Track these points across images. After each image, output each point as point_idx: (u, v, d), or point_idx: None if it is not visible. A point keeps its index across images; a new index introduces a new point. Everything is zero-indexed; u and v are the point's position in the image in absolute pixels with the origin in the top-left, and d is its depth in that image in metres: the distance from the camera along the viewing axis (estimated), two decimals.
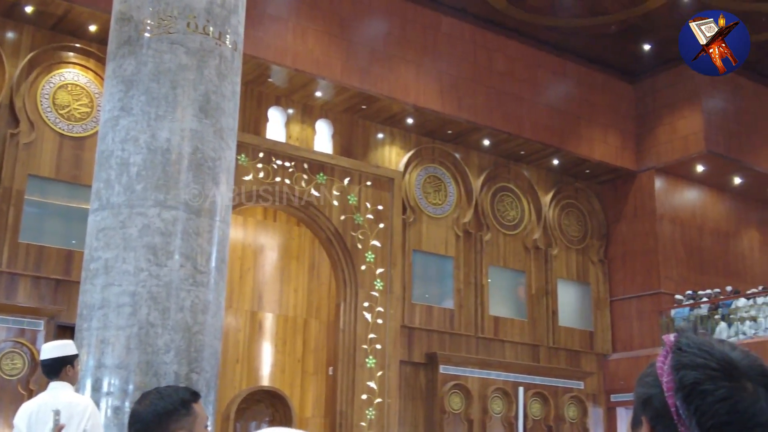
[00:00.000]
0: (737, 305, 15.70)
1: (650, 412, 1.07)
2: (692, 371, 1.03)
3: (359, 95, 14.19)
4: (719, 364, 1.03)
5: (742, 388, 1.02)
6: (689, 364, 1.04)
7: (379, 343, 13.81)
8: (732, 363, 1.04)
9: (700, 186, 17.88)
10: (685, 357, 1.05)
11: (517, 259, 16.34)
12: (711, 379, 1.02)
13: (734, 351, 1.07)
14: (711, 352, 1.05)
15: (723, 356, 1.04)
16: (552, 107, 16.32)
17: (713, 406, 1.01)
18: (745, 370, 1.04)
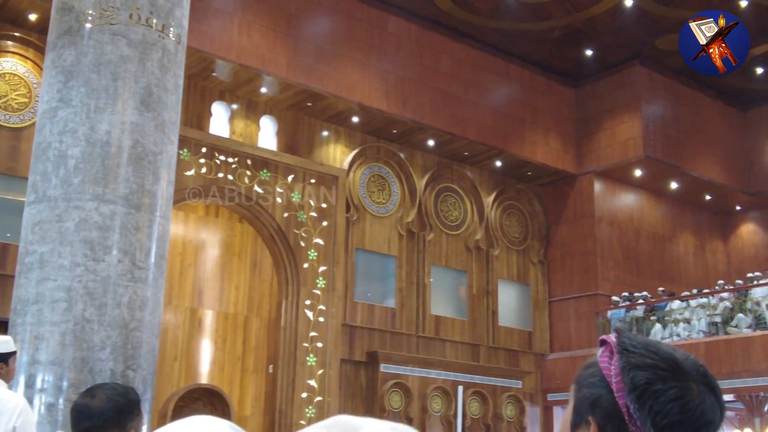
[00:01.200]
0: (672, 307, 16.07)
1: (599, 412, 1.07)
2: (643, 372, 1.04)
3: (305, 92, 14.14)
4: (667, 365, 1.05)
5: (689, 389, 1.04)
6: (639, 364, 1.05)
7: (320, 342, 13.78)
8: (678, 363, 1.06)
9: (638, 190, 18.26)
10: (634, 358, 1.06)
11: (459, 259, 16.47)
12: (661, 379, 1.04)
13: (676, 352, 1.09)
14: (658, 353, 1.07)
15: (670, 357, 1.06)
16: (496, 109, 16.49)
17: (666, 405, 1.02)
18: (688, 370, 1.06)
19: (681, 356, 1.08)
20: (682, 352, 1.11)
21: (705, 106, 18.37)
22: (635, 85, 17.15)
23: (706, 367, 1.08)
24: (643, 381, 1.04)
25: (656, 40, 16.43)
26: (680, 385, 1.04)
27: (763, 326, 14.29)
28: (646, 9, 15.40)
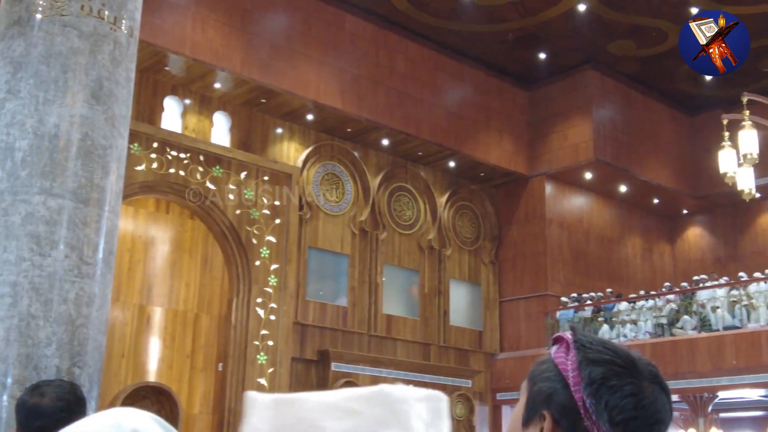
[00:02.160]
0: (619, 309, 16.34)
1: (554, 407, 1.08)
2: (599, 367, 1.06)
3: (259, 89, 14.05)
4: (623, 362, 1.07)
5: (644, 386, 1.06)
6: (596, 360, 1.06)
7: (271, 340, 13.71)
8: (633, 361, 1.07)
9: (588, 193, 18.52)
10: (591, 353, 1.07)
11: (411, 258, 16.52)
12: (617, 375, 1.05)
13: (631, 352, 1.11)
14: (615, 350, 1.09)
15: (626, 354, 1.08)
16: (450, 110, 16.58)
17: (622, 401, 1.04)
18: (642, 370, 1.08)
19: (635, 355, 1.10)
20: (636, 352, 1.13)
21: (654, 111, 18.71)
22: (587, 89, 17.39)
23: (657, 368, 1.10)
24: (600, 376, 1.05)
25: (608, 45, 16.68)
26: (635, 382, 1.06)
27: (708, 328, 14.60)
28: (598, 14, 15.62)
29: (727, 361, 13.79)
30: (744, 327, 14.13)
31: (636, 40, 16.50)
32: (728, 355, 13.79)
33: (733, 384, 13.91)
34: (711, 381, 14.09)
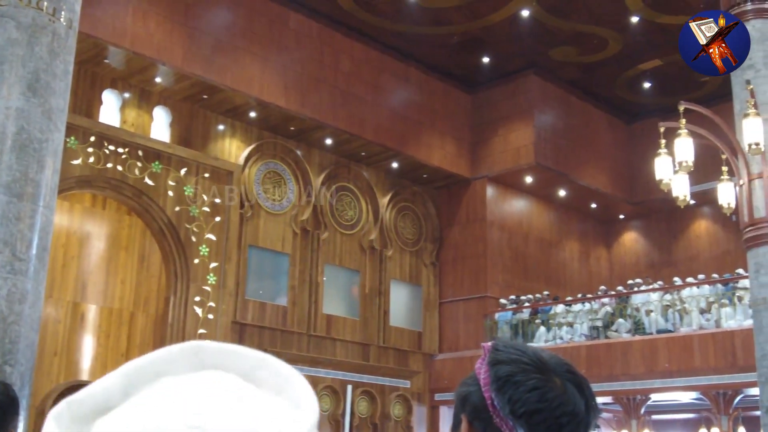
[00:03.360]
0: (556, 311, 16.58)
1: (468, 408, 1.11)
2: (507, 365, 1.08)
3: (201, 84, 13.87)
4: (531, 360, 1.09)
5: (551, 380, 1.08)
6: (504, 359, 1.09)
7: (209, 339, 13.52)
8: (542, 360, 1.10)
9: (528, 196, 18.76)
10: (501, 354, 1.10)
11: (352, 258, 16.50)
12: (523, 371, 1.07)
13: (544, 352, 1.13)
14: (524, 350, 1.11)
15: (534, 353, 1.11)
16: (394, 111, 16.62)
17: (524, 395, 1.05)
18: (553, 367, 1.10)
19: (547, 355, 1.13)
20: (551, 353, 1.15)
21: (594, 117, 19.04)
22: (529, 94, 17.60)
23: (572, 365, 1.12)
24: (505, 373, 1.07)
25: (550, 51, 16.91)
26: (542, 377, 1.08)
27: (642, 331, 14.91)
28: (541, 20, 15.83)
29: (659, 364, 14.10)
30: (676, 331, 14.46)
31: (577, 47, 16.77)
32: (661, 358, 14.10)
33: (666, 386, 14.23)
34: (644, 383, 14.39)
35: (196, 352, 0.70)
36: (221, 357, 0.71)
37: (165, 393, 0.67)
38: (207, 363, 0.71)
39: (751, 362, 9.91)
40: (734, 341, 13.27)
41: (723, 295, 14.43)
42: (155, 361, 0.70)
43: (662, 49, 16.70)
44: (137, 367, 0.69)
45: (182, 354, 0.70)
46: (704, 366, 13.63)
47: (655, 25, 15.87)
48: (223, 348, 0.71)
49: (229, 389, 0.68)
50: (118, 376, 0.69)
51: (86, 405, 0.68)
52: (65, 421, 0.67)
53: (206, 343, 0.71)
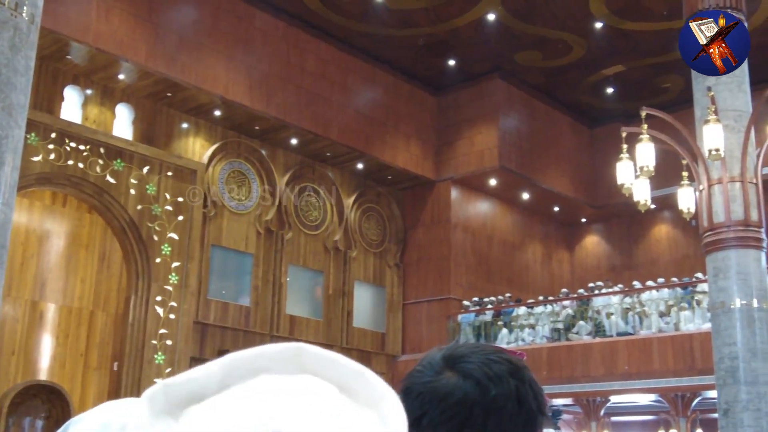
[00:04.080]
0: (518, 313, 16.69)
1: None
2: (403, 381, 1.10)
3: (165, 81, 13.73)
4: (422, 366, 1.10)
5: (440, 381, 1.06)
6: (408, 374, 1.11)
7: (170, 339, 13.41)
8: (430, 361, 1.09)
9: (492, 199, 18.86)
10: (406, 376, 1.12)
11: (316, 259, 16.46)
12: (414, 380, 1.09)
13: (440, 350, 1.12)
14: (422, 360, 1.11)
15: (429, 356, 1.11)
16: (360, 112, 16.61)
17: (413, 402, 1.05)
18: (446, 362, 1.09)
19: (436, 352, 1.12)
20: (446, 347, 1.12)
21: (557, 121, 19.21)
22: (494, 97, 17.71)
23: (464, 358, 1.08)
24: (401, 389, 1.08)
25: (515, 54, 17.03)
26: (429, 380, 1.07)
27: (602, 334, 15.07)
28: (507, 24, 15.93)
29: (619, 366, 14.27)
30: (636, 333, 14.64)
31: (542, 52, 16.91)
32: (621, 360, 14.27)
33: (625, 389, 14.39)
34: (604, 385, 14.54)
35: (298, 353, 0.70)
36: (321, 363, 0.71)
37: (261, 390, 0.66)
38: (307, 367, 0.70)
39: (709, 365, 10.07)
40: (693, 344, 13.47)
41: (682, 299, 14.64)
42: (257, 356, 0.69)
43: (625, 54, 16.91)
44: (238, 359, 0.69)
45: (285, 353, 0.70)
46: (663, 368, 13.81)
47: (619, 31, 16.06)
48: (323, 354, 0.71)
49: (323, 397, 0.68)
50: (218, 366, 0.68)
51: (183, 390, 0.67)
52: (159, 402, 0.66)
53: (309, 347, 0.71)
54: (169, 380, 0.68)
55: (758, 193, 9.03)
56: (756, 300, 8.78)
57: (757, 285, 8.82)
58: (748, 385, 8.58)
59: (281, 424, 0.62)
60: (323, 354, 0.71)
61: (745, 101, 9.30)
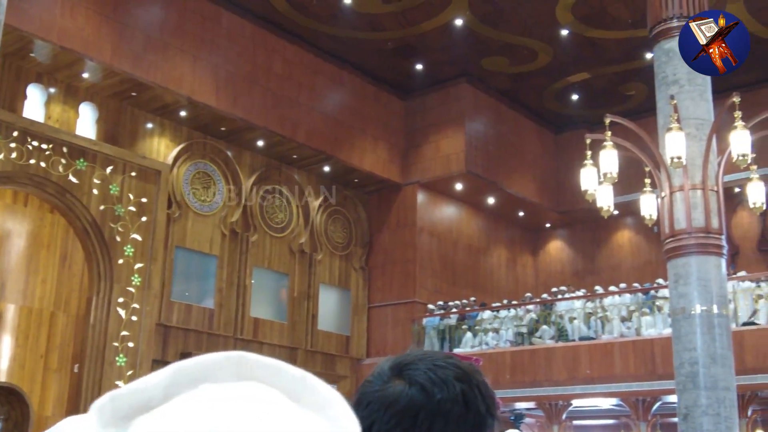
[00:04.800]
0: (483, 317, 16.76)
1: None
2: (356, 395, 1.12)
3: (130, 81, 13.60)
4: (372, 377, 1.12)
5: (386, 390, 1.08)
6: (360, 385, 1.13)
7: (132, 341, 13.27)
8: (384, 370, 1.11)
9: (458, 203, 18.94)
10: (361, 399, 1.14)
11: (282, 261, 16.39)
12: (364, 391, 1.11)
13: (389, 360, 1.14)
14: (373, 371, 1.14)
15: (378, 367, 1.13)
16: (327, 115, 16.58)
17: (363, 411, 1.07)
18: (393, 371, 1.11)
19: (387, 362, 1.13)
20: (396, 356, 1.14)
21: (523, 127, 19.35)
22: (461, 102, 17.78)
23: (410, 365, 1.10)
24: (353, 402, 1.08)
25: (482, 60, 17.13)
26: (377, 389, 1.09)
27: (565, 338, 15.20)
28: (474, 30, 16.02)
29: (581, 370, 14.39)
30: (598, 338, 14.78)
31: (508, 57, 17.02)
32: (583, 364, 14.40)
33: (587, 393, 14.52)
34: (566, 389, 14.66)
35: (239, 362, 0.69)
36: (263, 370, 0.70)
37: (205, 399, 0.66)
38: (249, 375, 0.70)
39: (669, 370, 10.19)
40: (653, 349, 13.63)
41: (643, 304, 14.82)
42: (198, 365, 0.69)
43: (590, 62, 17.09)
44: (180, 369, 0.68)
45: (226, 362, 0.70)
46: (624, 373, 13.96)
47: (584, 39, 16.23)
48: (265, 361, 0.70)
49: (269, 403, 0.67)
50: (161, 376, 0.68)
51: (129, 401, 0.67)
52: (107, 415, 0.66)
53: (250, 355, 0.70)
54: (115, 392, 0.68)
55: (719, 201, 9.17)
56: (716, 306, 8.91)
57: (717, 291, 8.95)
58: (708, 390, 8.70)
59: (227, 430, 0.62)
60: (265, 361, 0.70)
61: (707, 110, 9.44)
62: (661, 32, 9.69)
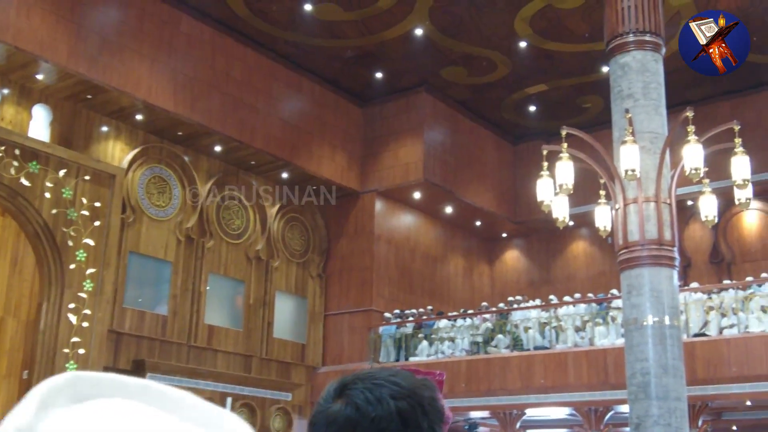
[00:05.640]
0: (439, 326, 16.80)
1: None
2: (311, 412, 1.19)
3: (85, 83, 13.40)
4: (322, 397, 1.17)
5: (328, 410, 1.14)
6: (313, 409, 1.19)
7: (83, 348, 13.03)
8: (330, 391, 1.17)
9: (416, 212, 18.98)
10: None
11: (238, 268, 16.25)
12: (318, 405, 1.17)
13: (336, 382, 1.19)
14: (323, 392, 1.19)
15: (327, 388, 1.18)
16: (285, 121, 16.51)
17: (314, 427, 1.15)
18: (336, 391, 1.16)
19: (335, 383, 1.18)
20: (346, 378, 1.18)
21: (481, 137, 19.47)
22: (420, 111, 17.84)
23: (351, 385, 1.15)
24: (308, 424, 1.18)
25: (441, 70, 17.21)
26: (321, 410, 1.16)
27: (520, 348, 15.29)
28: (434, 40, 16.09)
29: (535, 379, 14.49)
30: (553, 348, 14.90)
31: (467, 68, 17.13)
32: (537, 374, 14.50)
33: (541, 402, 14.63)
34: (520, 398, 14.75)
35: (75, 383, 0.67)
36: (101, 387, 0.68)
37: (86, 416, 0.64)
38: (87, 394, 0.67)
39: (621, 380, 10.31)
40: (606, 359, 13.78)
41: (597, 314, 14.98)
42: (37, 394, 0.66)
43: (548, 74, 17.27)
44: (24, 403, 0.66)
45: (63, 385, 0.67)
46: (577, 383, 14.09)
47: (542, 51, 16.40)
48: (101, 377, 0.68)
49: (150, 420, 0.65)
50: (33, 398, 0.65)
51: (10, 428, 0.64)
52: None
53: (84, 374, 0.68)
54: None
55: (671, 214, 9.32)
56: (668, 317, 9.04)
57: (668, 302, 9.08)
58: (659, 400, 8.81)
59: None
60: (101, 377, 0.69)
61: (661, 123, 9.60)
62: (616, 46, 9.84)
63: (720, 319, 13.46)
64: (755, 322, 13.03)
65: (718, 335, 13.21)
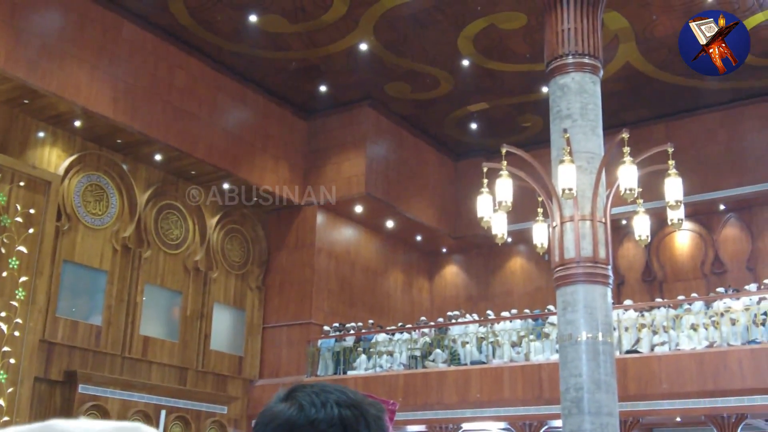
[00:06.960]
0: (378, 339, 16.82)
1: None
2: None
3: (22, 88, 13.12)
4: (272, 398, 1.19)
5: (275, 411, 1.15)
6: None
7: (13, 357, 12.70)
8: (279, 394, 1.18)
9: (357, 225, 19.01)
10: None
11: (175, 279, 16.04)
12: (267, 405, 1.18)
13: (288, 387, 1.20)
14: None
15: (278, 391, 1.19)
16: (228, 132, 16.41)
17: (258, 425, 1.16)
18: (286, 394, 1.18)
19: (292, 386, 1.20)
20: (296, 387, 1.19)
21: (423, 152, 19.63)
22: (363, 125, 17.92)
23: (299, 390, 1.16)
24: None
25: (386, 85, 17.33)
26: (268, 411, 1.17)
27: (457, 362, 15.40)
28: (379, 55, 16.20)
29: (472, 394, 14.61)
30: (489, 362, 15.05)
31: (411, 84, 17.28)
32: (473, 388, 14.62)
33: (477, 416, 14.74)
34: (456, 413, 14.85)
35: None
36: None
37: None
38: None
39: (555, 395, 10.47)
40: (541, 374, 13.97)
41: (533, 330, 15.18)
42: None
43: (489, 92, 17.53)
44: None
45: None
46: (513, 397, 14.25)
47: (484, 70, 16.64)
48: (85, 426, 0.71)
49: None
50: None
51: None
52: None
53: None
54: None
55: (606, 232, 9.54)
56: (601, 334, 9.23)
57: (602, 319, 9.28)
58: (592, 415, 8.98)
59: None
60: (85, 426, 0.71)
61: (598, 144, 9.83)
62: (556, 68, 10.06)
63: (652, 337, 13.78)
64: (686, 340, 13.38)
65: (649, 352, 13.51)
